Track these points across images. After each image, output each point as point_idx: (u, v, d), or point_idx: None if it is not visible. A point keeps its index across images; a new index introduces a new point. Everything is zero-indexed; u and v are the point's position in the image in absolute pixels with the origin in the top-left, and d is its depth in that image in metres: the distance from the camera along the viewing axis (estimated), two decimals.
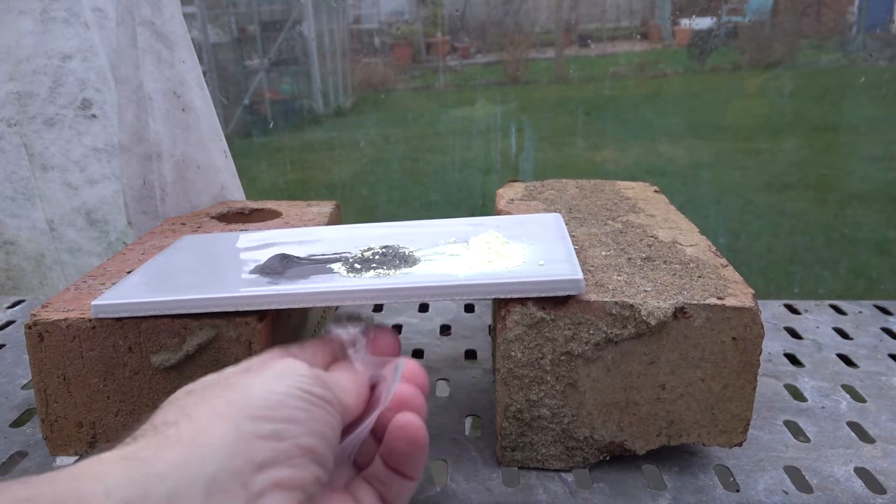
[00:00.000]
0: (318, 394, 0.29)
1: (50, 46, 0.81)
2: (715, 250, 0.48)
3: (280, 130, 2.05)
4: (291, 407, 0.27)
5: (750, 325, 0.40)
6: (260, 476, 0.24)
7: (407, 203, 1.71)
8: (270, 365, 0.30)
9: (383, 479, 0.32)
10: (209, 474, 0.23)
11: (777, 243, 1.54)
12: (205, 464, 0.23)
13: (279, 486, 0.25)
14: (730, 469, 0.44)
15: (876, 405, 0.52)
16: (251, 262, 0.47)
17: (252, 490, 0.24)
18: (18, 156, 0.84)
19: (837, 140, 1.66)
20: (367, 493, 0.32)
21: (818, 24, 1.79)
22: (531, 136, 1.69)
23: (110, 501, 0.20)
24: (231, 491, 0.23)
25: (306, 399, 0.28)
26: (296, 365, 0.30)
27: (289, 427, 0.27)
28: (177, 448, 0.24)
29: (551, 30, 1.81)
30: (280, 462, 0.25)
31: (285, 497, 0.25)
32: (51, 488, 0.21)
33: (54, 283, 0.89)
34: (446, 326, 0.66)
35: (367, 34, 2.05)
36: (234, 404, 0.26)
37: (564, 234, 0.48)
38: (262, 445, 0.25)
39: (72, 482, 0.21)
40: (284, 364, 0.30)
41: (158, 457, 0.23)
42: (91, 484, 0.21)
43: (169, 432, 0.25)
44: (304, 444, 0.27)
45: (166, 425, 0.25)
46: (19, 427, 0.50)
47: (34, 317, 0.42)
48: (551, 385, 0.42)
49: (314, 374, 0.30)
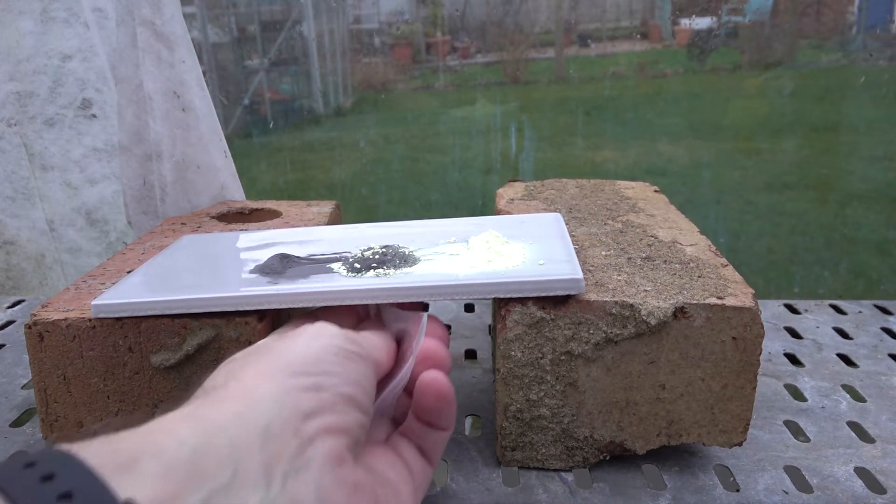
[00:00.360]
0: (350, 349, 0.31)
1: (50, 46, 0.81)
2: (715, 250, 0.48)
3: (280, 130, 2.05)
4: (327, 362, 0.30)
5: (750, 325, 0.40)
6: (309, 423, 0.27)
7: (407, 203, 1.71)
8: (303, 329, 0.32)
9: (418, 433, 0.35)
10: (263, 424, 0.25)
11: (777, 243, 1.54)
12: (258, 415, 0.25)
13: (327, 431, 0.27)
14: (730, 469, 0.44)
15: (876, 405, 0.52)
16: (251, 261, 0.47)
17: (303, 436, 0.26)
18: (18, 156, 0.84)
19: (837, 140, 1.66)
20: (406, 446, 0.34)
21: (818, 24, 1.79)
22: (531, 136, 1.69)
23: (184, 449, 0.23)
24: (284, 437, 0.25)
25: (340, 353, 0.31)
26: (327, 326, 0.33)
27: (328, 379, 0.29)
28: (230, 404, 0.26)
29: (551, 30, 1.81)
30: (325, 410, 0.28)
31: (334, 440, 0.27)
32: (129, 442, 0.23)
33: (54, 283, 0.89)
34: (446, 326, 0.66)
35: (367, 34, 2.04)
36: (275, 364, 0.29)
37: (564, 233, 0.48)
38: (305, 397, 0.27)
39: (147, 436, 0.23)
40: (317, 327, 0.32)
41: (216, 412, 0.25)
42: (164, 437, 0.23)
43: (220, 393, 0.27)
44: (344, 391, 0.29)
45: (216, 388, 0.28)
46: (19, 427, 0.50)
47: (34, 317, 0.42)
48: (551, 385, 0.42)
49: (345, 332, 0.32)
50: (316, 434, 0.27)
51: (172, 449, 0.22)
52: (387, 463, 0.33)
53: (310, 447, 0.26)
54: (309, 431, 0.26)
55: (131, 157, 0.67)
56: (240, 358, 0.31)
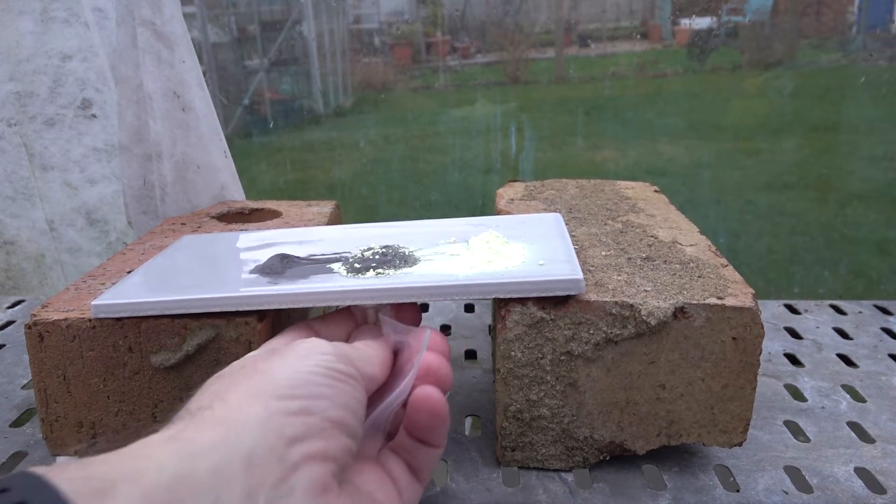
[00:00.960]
0: (341, 370, 0.30)
1: (50, 46, 0.81)
2: (715, 250, 0.48)
3: (280, 130, 2.05)
4: (317, 384, 0.29)
5: (750, 325, 0.40)
6: (293, 449, 0.26)
7: (407, 203, 1.71)
8: (294, 346, 0.32)
9: (409, 449, 0.34)
10: (246, 449, 0.25)
11: (777, 243, 1.54)
12: (241, 440, 0.25)
13: (312, 458, 0.26)
14: (730, 469, 0.44)
15: (876, 405, 0.52)
16: (251, 262, 0.47)
17: (287, 462, 0.25)
18: (18, 156, 0.84)
19: (837, 140, 1.66)
20: (396, 463, 0.34)
21: (818, 24, 1.79)
22: (531, 136, 1.69)
23: (163, 475, 0.22)
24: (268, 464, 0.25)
25: (330, 376, 0.29)
26: (319, 344, 0.32)
27: (317, 403, 0.28)
28: (214, 428, 0.25)
29: (551, 30, 1.81)
30: (311, 435, 0.27)
31: (319, 467, 0.27)
32: (106, 467, 0.22)
33: (54, 283, 0.89)
34: (446, 326, 0.66)
35: (367, 34, 2.05)
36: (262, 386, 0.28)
37: (564, 233, 0.48)
38: (291, 421, 0.27)
39: (126, 461, 0.23)
40: (308, 345, 0.31)
41: (199, 436, 0.25)
42: (143, 462, 0.23)
43: (205, 415, 0.26)
44: (332, 416, 0.28)
45: (201, 409, 0.27)
46: (19, 427, 0.50)
47: (34, 317, 0.42)
48: (551, 385, 0.42)
49: (337, 351, 0.31)
50: (301, 460, 0.26)
51: (151, 474, 0.22)
52: (375, 482, 0.32)
53: (294, 474, 0.25)
54: (294, 458, 0.26)
55: (131, 157, 0.67)
56: (227, 376, 0.30)
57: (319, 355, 0.30)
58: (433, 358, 0.35)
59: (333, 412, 0.28)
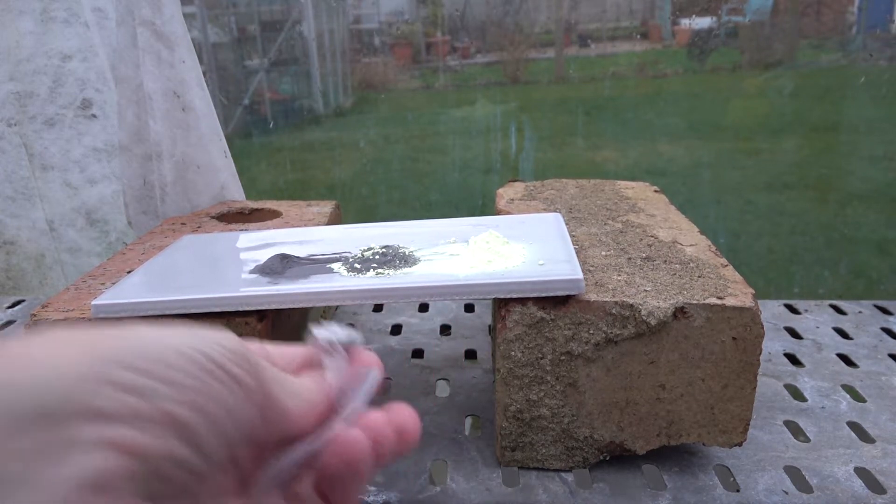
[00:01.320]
0: (230, 370, 0.23)
1: (50, 46, 0.81)
2: (715, 250, 0.48)
3: (280, 130, 2.05)
4: (180, 369, 0.22)
5: (750, 325, 0.40)
6: (90, 426, 0.20)
7: (407, 203, 1.71)
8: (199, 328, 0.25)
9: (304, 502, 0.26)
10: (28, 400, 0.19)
11: (777, 243, 1.54)
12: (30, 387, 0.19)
13: (108, 446, 0.20)
14: (730, 469, 0.44)
15: (876, 405, 0.52)
16: (251, 262, 0.47)
17: (65, 436, 0.19)
18: (18, 156, 0.84)
19: (837, 140, 1.66)
20: None
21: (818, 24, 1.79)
22: (531, 136, 1.69)
23: None
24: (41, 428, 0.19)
25: (207, 369, 0.23)
26: (225, 335, 0.24)
27: (160, 387, 0.21)
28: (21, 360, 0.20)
29: (551, 30, 1.81)
30: (125, 420, 0.21)
31: (116, 459, 0.20)
32: None
33: (54, 283, 0.89)
34: (446, 326, 0.66)
35: (367, 34, 2.05)
36: (110, 345, 0.22)
37: (564, 233, 0.48)
38: (108, 393, 0.20)
39: None
40: (211, 333, 0.24)
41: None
42: None
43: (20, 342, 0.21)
44: (171, 410, 0.21)
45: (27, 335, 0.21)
46: None
47: (34, 317, 0.42)
48: (551, 385, 0.42)
49: (242, 351, 0.24)
50: (96, 441, 0.20)
51: None
52: None
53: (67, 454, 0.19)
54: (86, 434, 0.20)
55: (131, 157, 0.67)
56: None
57: (214, 343, 0.23)
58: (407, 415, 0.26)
59: (175, 407, 0.21)
